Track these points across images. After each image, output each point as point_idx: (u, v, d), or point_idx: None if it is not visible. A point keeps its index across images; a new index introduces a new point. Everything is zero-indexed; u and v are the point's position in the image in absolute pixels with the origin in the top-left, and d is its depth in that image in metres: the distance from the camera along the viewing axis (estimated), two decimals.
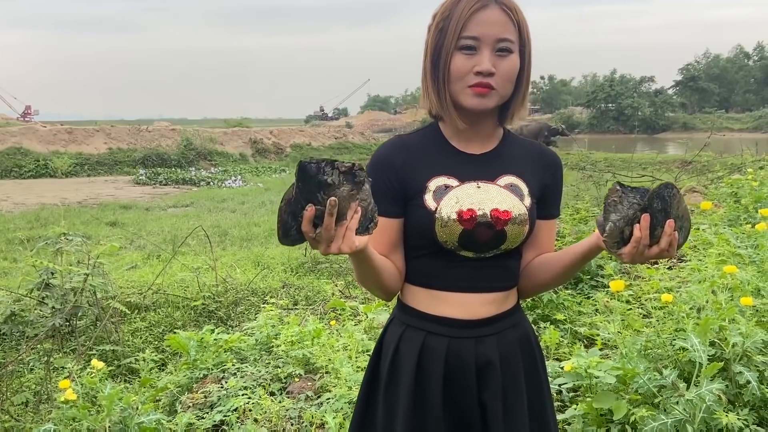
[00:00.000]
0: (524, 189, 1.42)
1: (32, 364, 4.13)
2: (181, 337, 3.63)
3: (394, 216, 1.40)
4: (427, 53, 1.40)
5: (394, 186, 1.39)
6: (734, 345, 2.35)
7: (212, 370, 3.47)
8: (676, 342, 2.48)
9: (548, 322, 3.79)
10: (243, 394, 3.07)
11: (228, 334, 3.94)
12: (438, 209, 1.36)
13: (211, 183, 21.61)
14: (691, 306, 2.67)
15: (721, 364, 2.23)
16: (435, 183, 1.39)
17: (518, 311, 1.51)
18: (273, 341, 3.69)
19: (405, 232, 1.42)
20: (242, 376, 3.31)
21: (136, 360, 3.82)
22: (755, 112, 72.86)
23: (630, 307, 2.98)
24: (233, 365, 3.46)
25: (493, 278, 1.43)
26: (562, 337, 3.49)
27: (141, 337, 4.72)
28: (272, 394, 3.17)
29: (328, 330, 3.84)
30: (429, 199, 1.37)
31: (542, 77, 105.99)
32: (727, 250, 3.37)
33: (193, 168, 26.33)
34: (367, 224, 1.17)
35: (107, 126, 29.37)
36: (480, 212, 1.36)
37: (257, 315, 4.44)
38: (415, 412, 1.39)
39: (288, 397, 3.11)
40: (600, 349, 2.91)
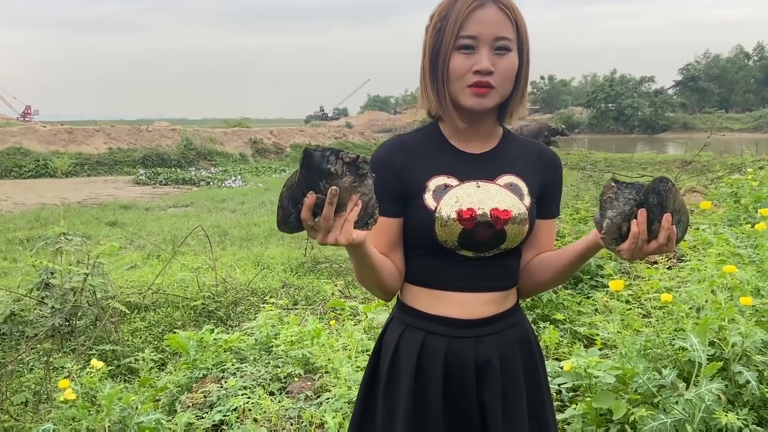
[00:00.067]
0: (524, 188, 1.42)
1: (32, 364, 4.13)
2: (181, 336, 3.63)
3: (393, 215, 1.40)
4: (425, 54, 1.40)
5: (394, 185, 1.39)
6: (734, 345, 2.35)
7: (212, 369, 3.47)
8: (675, 342, 2.48)
9: (548, 322, 3.79)
10: (242, 394, 3.07)
11: (228, 333, 3.94)
12: (438, 208, 1.36)
13: (211, 183, 21.61)
14: (690, 306, 2.67)
15: (721, 363, 2.24)
16: (435, 182, 1.38)
17: (518, 311, 1.51)
18: (272, 341, 3.70)
19: (405, 232, 1.42)
20: (242, 376, 3.32)
21: (136, 360, 3.82)
22: (755, 112, 72.87)
23: (629, 307, 2.98)
24: (233, 365, 3.46)
25: (492, 278, 1.43)
26: (561, 336, 3.49)
27: (141, 337, 4.72)
28: (272, 393, 3.17)
29: (327, 330, 3.84)
30: (429, 199, 1.37)
31: (542, 77, 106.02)
32: (727, 249, 3.37)
33: (193, 168, 26.33)
34: (366, 219, 1.17)
35: (107, 126, 29.35)
36: (480, 211, 1.36)
37: (257, 315, 4.44)
38: (414, 412, 1.39)
39: (287, 397, 3.11)
40: (599, 349, 2.91)
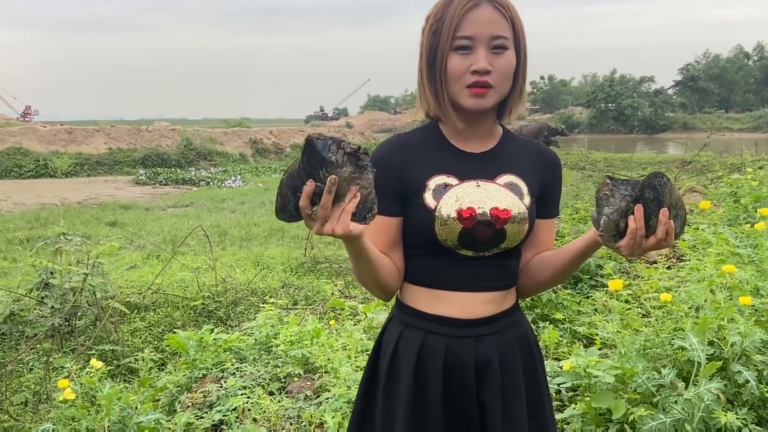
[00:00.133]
0: (524, 188, 1.42)
1: (31, 364, 4.13)
2: (181, 336, 3.64)
3: (393, 215, 1.40)
4: (422, 55, 1.40)
5: (394, 185, 1.39)
6: (733, 344, 2.35)
7: (211, 369, 3.47)
8: (674, 341, 2.48)
9: (547, 322, 3.80)
10: (242, 394, 3.07)
11: (227, 333, 3.95)
12: (438, 207, 1.36)
13: (211, 183, 21.60)
14: (689, 305, 2.67)
15: (720, 363, 2.23)
16: (434, 181, 1.38)
17: (517, 311, 1.51)
18: (272, 341, 3.70)
19: (404, 231, 1.42)
20: (241, 376, 3.32)
21: (136, 360, 3.83)
22: (755, 112, 72.88)
23: (629, 307, 2.98)
24: (232, 365, 3.46)
25: (492, 277, 1.43)
26: (561, 336, 3.49)
27: (140, 337, 4.72)
28: (271, 393, 3.17)
29: (327, 330, 3.84)
30: (428, 198, 1.37)
31: (542, 77, 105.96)
32: (726, 249, 3.36)
33: (193, 168, 26.31)
34: (365, 214, 1.17)
35: (107, 126, 29.34)
36: (480, 211, 1.36)
37: (257, 315, 4.44)
38: (414, 412, 1.39)
39: (287, 397, 3.11)
40: (599, 349, 2.91)
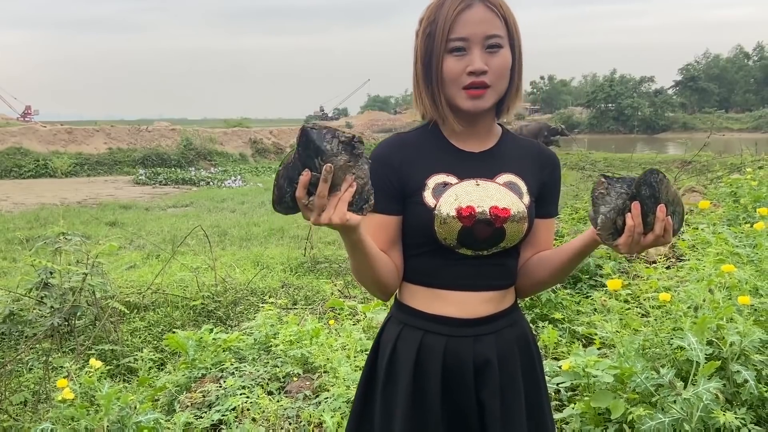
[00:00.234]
0: (523, 187, 1.42)
1: (31, 364, 4.14)
2: (180, 336, 3.64)
3: (393, 213, 1.40)
4: (417, 59, 1.40)
5: (393, 184, 1.39)
6: (732, 344, 2.35)
7: (211, 369, 3.47)
8: (673, 341, 2.48)
9: (546, 322, 3.80)
10: (241, 394, 3.07)
11: (227, 333, 3.95)
12: (437, 206, 1.36)
13: (211, 183, 21.62)
14: (688, 305, 2.67)
15: (719, 363, 2.23)
16: (434, 180, 1.38)
17: (516, 310, 1.51)
18: (271, 341, 3.70)
19: (404, 230, 1.42)
20: (240, 376, 3.32)
21: (135, 359, 3.83)
22: (755, 112, 72.92)
23: (628, 307, 2.97)
24: (232, 365, 3.46)
25: (491, 276, 1.43)
26: (560, 336, 3.49)
27: (140, 337, 4.73)
28: (270, 393, 3.17)
29: (326, 329, 3.84)
30: (428, 197, 1.37)
31: (542, 77, 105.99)
32: (726, 249, 3.36)
33: (193, 168, 26.33)
34: (362, 204, 1.17)
35: (107, 126, 29.35)
36: (479, 209, 1.36)
37: (256, 315, 4.44)
38: (413, 411, 1.39)
39: (286, 397, 3.11)
40: (598, 348, 2.91)
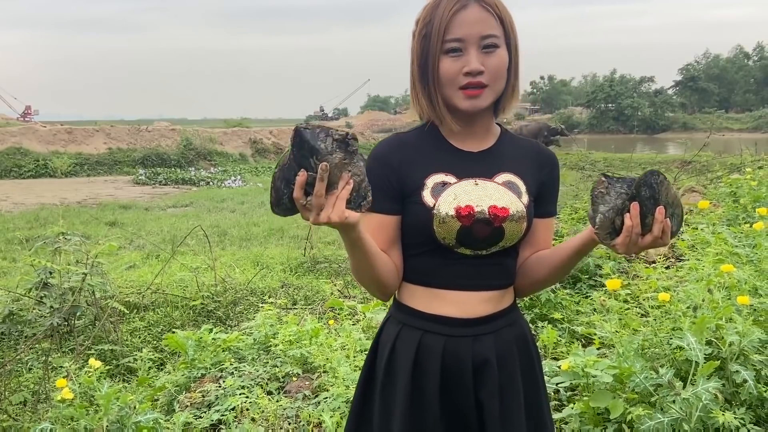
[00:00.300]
0: (522, 187, 1.42)
1: (30, 364, 4.14)
2: (180, 336, 3.64)
3: (392, 213, 1.40)
4: (413, 60, 1.40)
5: (392, 184, 1.39)
6: (731, 344, 2.35)
7: (210, 369, 3.48)
8: (672, 341, 2.48)
9: (546, 322, 3.80)
10: (240, 394, 3.07)
11: (226, 333, 3.95)
12: (436, 206, 1.36)
13: (211, 183, 21.62)
14: (688, 305, 2.67)
15: (718, 362, 2.23)
16: (433, 180, 1.38)
17: (515, 310, 1.51)
18: (271, 341, 3.70)
19: (403, 230, 1.42)
20: (240, 376, 3.32)
21: (134, 359, 3.83)
22: (755, 112, 72.96)
23: (627, 307, 2.97)
24: (231, 365, 3.46)
25: (490, 276, 1.43)
26: (559, 336, 3.49)
27: (139, 337, 4.73)
28: (270, 393, 3.17)
29: (326, 329, 3.84)
30: (427, 196, 1.37)
31: (542, 77, 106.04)
32: (725, 249, 3.36)
33: (193, 168, 26.33)
34: (359, 201, 1.17)
35: (107, 126, 29.36)
36: (478, 209, 1.36)
37: (256, 315, 4.44)
38: (412, 411, 1.39)
39: (285, 397, 3.11)
40: (597, 348, 2.91)
